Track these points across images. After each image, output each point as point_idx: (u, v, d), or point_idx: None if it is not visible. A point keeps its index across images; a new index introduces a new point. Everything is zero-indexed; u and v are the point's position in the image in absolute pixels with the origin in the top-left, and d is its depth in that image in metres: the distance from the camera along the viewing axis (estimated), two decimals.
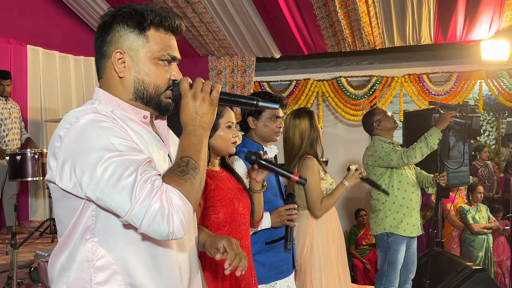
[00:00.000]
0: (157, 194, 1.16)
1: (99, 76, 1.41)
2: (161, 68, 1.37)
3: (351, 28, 6.30)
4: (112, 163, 1.19)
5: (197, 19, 6.50)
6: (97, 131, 1.23)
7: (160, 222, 1.15)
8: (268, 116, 2.70)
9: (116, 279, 1.29)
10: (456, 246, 6.50)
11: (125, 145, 1.23)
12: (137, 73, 1.35)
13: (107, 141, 1.21)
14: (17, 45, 6.30)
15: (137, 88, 1.36)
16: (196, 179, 1.24)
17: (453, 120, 3.65)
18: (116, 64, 1.35)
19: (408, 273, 3.94)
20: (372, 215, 3.88)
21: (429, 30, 6.28)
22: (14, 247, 3.61)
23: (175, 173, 1.23)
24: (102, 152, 1.20)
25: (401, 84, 7.28)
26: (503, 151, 9.17)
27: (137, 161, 1.21)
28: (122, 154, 1.20)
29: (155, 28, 1.36)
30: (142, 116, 1.39)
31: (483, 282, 3.94)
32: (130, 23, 1.35)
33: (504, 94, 6.96)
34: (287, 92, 7.66)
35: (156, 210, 1.15)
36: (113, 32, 1.36)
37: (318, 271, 3.13)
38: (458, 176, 4.47)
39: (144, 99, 1.37)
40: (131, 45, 1.35)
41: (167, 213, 1.16)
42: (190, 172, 1.24)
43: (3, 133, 5.52)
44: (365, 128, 3.97)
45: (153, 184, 1.18)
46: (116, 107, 1.36)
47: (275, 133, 2.72)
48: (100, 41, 1.39)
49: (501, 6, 5.76)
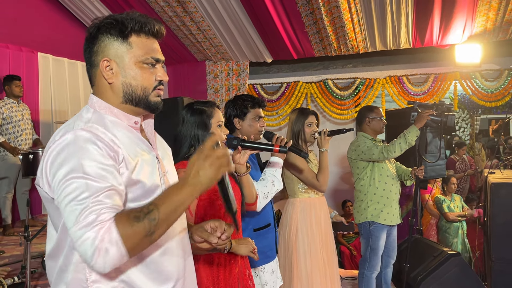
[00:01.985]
0: (96, 227, 1.13)
1: (92, 84, 1.41)
2: (147, 70, 1.36)
3: (336, 34, 6.30)
4: (73, 183, 1.19)
5: (195, 27, 6.50)
6: (76, 150, 1.23)
7: (87, 250, 1.13)
8: (252, 116, 2.71)
9: (109, 276, 1.28)
10: (434, 233, 6.54)
11: (95, 170, 1.20)
12: (125, 78, 1.35)
13: (78, 161, 1.21)
14: (29, 52, 6.28)
15: (125, 91, 1.36)
16: (144, 229, 1.16)
17: (430, 118, 3.67)
18: (105, 71, 1.34)
19: (390, 259, 3.97)
20: (355, 205, 3.90)
21: (407, 35, 6.30)
22: (27, 239, 3.61)
23: (129, 216, 1.17)
24: (69, 170, 1.20)
25: (383, 85, 7.30)
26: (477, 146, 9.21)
27: (96, 188, 1.18)
28: (85, 177, 1.19)
29: (136, 34, 1.35)
30: (133, 121, 1.39)
31: (458, 266, 3.96)
32: (113, 32, 1.34)
33: (477, 94, 6.99)
34: (279, 94, 7.67)
35: (88, 239, 1.13)
36: (98, 43, 1.35)
37: (302, 253, 3.20)
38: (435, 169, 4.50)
39: (133, 101, 1.37)
40: (116, 53, 1.34)
41: (95, 246, 1.12)
42: (144, 221, 1.16)
43: (17, 133, 5.51)
44: (358, 118, 3.97)
45: (97, 216, 1.14)
46: (109, 113, 1.36)
47: (258, 131, 2.74)
48: (88, 52, 1.38)
49: (473, 13, 5.77)
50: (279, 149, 2.21)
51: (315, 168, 3.26)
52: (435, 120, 3.75)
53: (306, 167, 3.20)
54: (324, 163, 3.18)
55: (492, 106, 7.48)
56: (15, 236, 5.41)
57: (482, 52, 6.45)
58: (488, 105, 7.16)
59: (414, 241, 4.42)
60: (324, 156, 3.19)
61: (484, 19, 5.85)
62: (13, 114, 5.47)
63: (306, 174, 3.19)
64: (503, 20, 5.80)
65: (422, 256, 4.22)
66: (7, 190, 5.48)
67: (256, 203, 2.42)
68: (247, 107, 2.68)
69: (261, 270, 2.66)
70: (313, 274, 3.17)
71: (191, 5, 6.02)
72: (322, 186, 3.19)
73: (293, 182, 3.28)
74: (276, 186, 2.57)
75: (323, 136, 3.20)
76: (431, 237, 6.36)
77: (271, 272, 2.72)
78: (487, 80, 6.96)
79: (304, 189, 3.29)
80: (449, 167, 7.43)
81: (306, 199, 3.29)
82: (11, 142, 5.42)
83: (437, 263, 3.99)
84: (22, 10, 6.19)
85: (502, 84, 6.89)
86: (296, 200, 3.30)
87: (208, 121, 2.12)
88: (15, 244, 5.13)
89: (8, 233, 5.51)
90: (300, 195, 3.30)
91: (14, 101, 5.53)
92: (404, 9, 5.83)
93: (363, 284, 3.81)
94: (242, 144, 2.13)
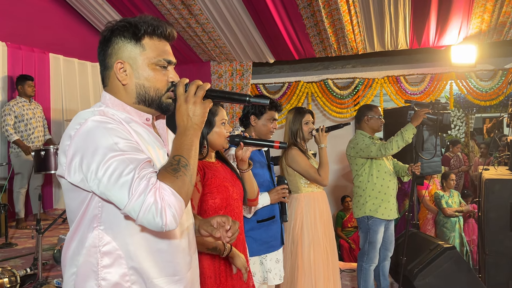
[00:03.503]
0: (151, 190, 1.15)
1: (104, 85, 1.40)
2: (159, 72, 1.35)
3: (336, 36, 6.29)
4: (114, 162, 1.18)
5: (200, 29, 6.50)
6: (103, 131, 1.22)
7: (154, 215, 1.14)
8: (268, 117, 2.81)
9: (120, 263, 1.29)
10: (431, 228, 6.53)
11: (127, 145, 1.22)
12: (138, 79, 1.34)
13: (111, 141, 1.21)
14: (41, 53, 6.30)
15: (139, 92, 1.35)
16: (186, 175, 1.22)
17: (426, 117, 3.66)
18: (118, 73, 1.34)
19: (387, 252, 3.96)
20: (354, 200, 3.90)
21: (405, 37, 6.28)
22: (39, 232, 3.63)
23: (168, 171, 1.21)
24: (106, 151, 1.19)
25: (381, 85, 7.29)
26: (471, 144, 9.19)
27: (137, 160, 1.19)
28: (124, 153, 1.19)
29: (149, 37, 1.35)
30: (145, 118, 1.39)
31: (452, 259, 3.95)
32: (126, 35, 1.33)
33: (472, 93, 6.98)
34: (280, 93, 7.67)
35: (151, 205, 1.14)
36: (112, 45, 1.35)
37: (307, 245, 3.22)
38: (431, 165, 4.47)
39: (146, 102, 1.36)
40: (129, 55, 1.34)
41: (160, 208, 1.14)
42: (181, 169, 1.21)
43: (29, 131, 5.53)
44: (357, 116, 3.96)
45: (148, 181, 1.16)
46: (121, 110, 1.36)
47: (270, 132, 2.84)
48: (102, 54, 1.38)
49: (468, 15, 5.76)
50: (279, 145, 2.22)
51: (315, 165, 3.27)
52: (431, 118, 3.75)
53: (307, 162, 3.21)
54: (324, 159, 3.20)
55: (487, 105, 7.47)
56: (28, 230, 5.44)
57: (477, 52, 6.43)
58: (483, 104, 7.14)
59: (411, 235, 4.41)
60: (323, 151, 3.21)
61: (479, 21, 5.83)
62: (24, 112, 5.49)
63: (308, 169, 3.20)
64: (498, 22, 5.78)
65: (418, 249, 4.22)
66: (20, 185, 5.51)
67: (258, 199, 2.43)
68: (265, 108, 2.77)
69: (264, 258, 2.69)
70: (316, 265, 3.19)
71: (196, 8, 6.02)
72: (324, 180, 3.21)
73: (295, 178, 3.29)
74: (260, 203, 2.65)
75: (321, 133, 3.21)
76: (428, 232, 6.36)
77: (276, 261, 2.75)
78: (482, 80, 6.94)
79: (307, 184, 3.30)
80: (444, 164, 7.42)
81: (309, 194, 3.31)
82: (24, 139, 5.44)
83: (433, 256, 3.98)
84: (34, 13, 6.21)
85: (496, 83, 6.87)
86: (300, 195, 3.31)
87: (213, 118, 2.13)
88: (27, 237, 5.16)
89: (21, 227, 5.54)
90: (304, 190, 3.30)
91: (26, 100, 5.55)
92: (402, 11, 5.82)
93: (361, 276, 3.81)
94: (244, 140, 2.15)
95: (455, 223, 6.25)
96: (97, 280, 1.28)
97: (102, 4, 6.41)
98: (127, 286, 1.29)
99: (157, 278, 1.32)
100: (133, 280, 1.30)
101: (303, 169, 3.21)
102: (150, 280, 1.31)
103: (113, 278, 1.28)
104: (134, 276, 1.30)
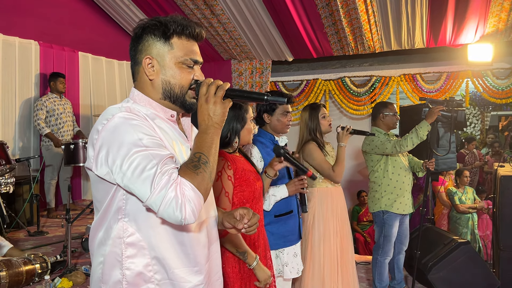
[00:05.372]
0: (173, 185, 1.16)
1: (134, 79, 1.42)
2: (185, 71, 1.36)
3: (354, 35, 6.23)
4: (138, 157, 1.19)
5: (221, 28, 6.51)
6: (128, 128, 1.23)
7: (174, 209, 1.16)
8: (281, 112, 2.70)
9: (143, 253, 1.30)
10: (446, 223, 6.45)
11: (151, 141, 1.23)
12: (164, 76, 1.35)
13: (136, 137, 1.22)
14: (70, 52, 6.39)
15: (165, 88, 1.36)
16: (206, 172, 1.23)
17: (441, 114, 3.59)
18: (146, 68, 1.35)
19: (402, 245, 3.92)
20: (370, 195, 3.85)
21: (421, 36, 6.18)
22: (69, 221, 3.68)
23: (188, 167, 1.22)
24: (130, 146, 1.20)
25: (397, 83, 7.19)
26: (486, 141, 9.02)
27: (159, 156, 1.21)
28: (147, 149, 1.21)
29: (178, 36, 1.36)
30: (170, 115, 1.40)
31: (467, 254, 3.89)
32: (156, 33, 1.35)
33: (488, 91, 6.83)
34: (298, 91, 7.63)
35: (171, 199, 1.15)
36: (143, 42, 1.36)
37: (317, 239, 3.18)
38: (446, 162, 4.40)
39: (171, 98, 1.37)
40: (158, 52, 1.35)
41: (180, 202, 1.16)
42: (202, 166, 1.23)
43: (59, 125, 5.62)
44: (373, 113, 3.92)
45: (170, 176, 1.18)
46: (148, 105, 1.37)
47: (286, 126, 2.73)
48: (133, 50, 1.39)
49: (485, 14, 5.63)
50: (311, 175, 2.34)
51: (331, 160, 3.23)
52: (446, 116, 3.68)
53: (323, 158, 3.17)
54: (341, 156, 3.13)
55: (503, 103, 7.29)
56: (58, 219, 5.55)
57: (493, 51, 6.28)
58: (499, 102, 6.98)
59: (425, 230, 4.36)
60: (342, 150, 3.14)
61: (496, 20, 5.69)
62: (55, 107, 5.58)
63: (322, 165, 3.15)
64: None
65: (432, 243, 4.16)
66: (51, 177, 5.61)
67: None
68: (276, 103, 2.66)
69: (281, 252, 2.66)
70: (325, 259, 3.15)
71: (218, 8, 6.02)
72: (337, 177, 3.14)
73: None
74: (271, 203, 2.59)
75: (346, 132, 3.13)
76: (442, 227, 6.27)
77: (294, 255, 2.70)
78: (498, 78, 6.78)
79: (322, 179, 3.26)
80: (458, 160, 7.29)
81: (323, 189, 3.27)
82: (54, 133, 5.54)
83: (447, 250, 3.93)
84: (64, 13, 6.30)
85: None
86: (314, 190, 3.27)
87: (245, 115, 2.14)
88: (57, 226, 5.26)
89: (52, 216, 5.65)
90: (318, 185, 3.27)
91: (57, 96, 5.65)
92: (419, 11, 5.72)
93: (376, 269, 3.78)
94: (286, 156, 2.22)
95: (468, 219, 6.15)
96: (122, 270, 1.30)
97: (129, 5, 6.47)
98: (150, 276, 1.31)
99: (178, 268, 1.33)
100: (156, 270, 1.31)
101: (318, 163, 3.16)
102: (171, 270, 1.32)
103: (136, 268, 1.30)
104: (156, 266, 1.31)
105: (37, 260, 3.41)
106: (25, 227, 4.95)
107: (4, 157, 4.38)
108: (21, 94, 5.69)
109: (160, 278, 1.32)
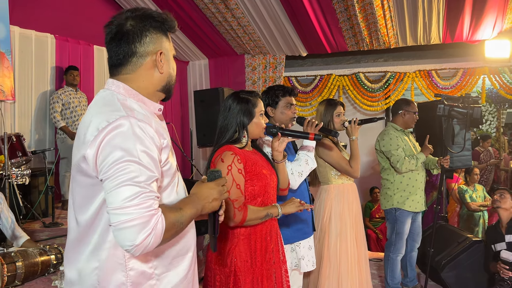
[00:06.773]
0: (151, 212, 1.19)
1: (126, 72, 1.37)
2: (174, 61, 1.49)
3: (369, 30, 6.17)
4: (129, 166, 1.19)
5: (236, 23, 6.49)
6: (130, 135, 1.22)
7: (139, 231, 1.16)
8: (284, 104, 2.69)
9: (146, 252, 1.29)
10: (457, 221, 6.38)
11: (146, 157, 1.22)
12: (169, 68, 1.44)
13: (133, 146, 1.21)
14: (86, 45, 6.44)
15: (168, 81, 1.44)
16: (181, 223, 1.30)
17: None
18: (159, 62, 1.39)
19: (415, 243, 3.89)
20: (382, 192, 3.83)
21: (438, 31, 6.09)
22: None
23: (170, 210, 1.27)
24: (125, 153, 1.20)
25: (412, 79, 7.11)
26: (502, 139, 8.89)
27: (148, 176, 1.21)
28: (140, 163, 1.20)
29: (170, 32, 1.45)
30: (157, 109, 1.42)
31: (481, 252, 3.85)
32: (162, 28, 1.41)
33: (505, 88, 6.72)
34: (312, 86, 7.59)
35: (144, 222, 1.17)
36: (150, 35, 1.37)
37: (334, 235, 3.15)
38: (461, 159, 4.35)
39: (166, 89, 1.44)
40: (165, 46, 1.42)
41: (148, 230, 1.17)
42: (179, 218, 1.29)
43: (74, 118, 5.68)
44: (393, 108, 3.88)
45: (154, 200, 1.21)
46: (136, 99, 1.35)
47: (290, 118, 2.71)
48: (132, 42, 1.36)
49: (504, 9, 5.53)
50: (314, 137, 2.25)
51: (346, 156, 3.21)
52: (461, 112, 3.63)
53: (339, 154, 3.14)
54: (355, 150, 3.11)
55: None
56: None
57: (511, 47, 6.17)
58: None
59: (439, 227, 4.32)
60: (354, 143, 3.13)
61: None
62: (71, 100, 5.64)
63: (340, 161, 3.12)
64: None
65: (446, 241, 4.13)
66: (66, 169, 5.67)
67: (287, 189, 2.41)
68: (278, 96, 2.68)
69: (297, 245, 2.66)
70: (342, 256, 3.12)
71: (232, 2, 6.01)
72: (355, 172, 3.12)
73: (325, 169, 3.22)
74: (310, 165, 2.58)
75: (354, 125, 3.11)
76: (455, 224, 6.22)
77: (308, 248, 2.71)
78: None
79: (338, 176, 3.22)
80: (474, 158, 7.20)
81: (339, 185, 3.22)
82: (69, 126, 5.59)
83: (461, 248, 3.89)
84: (80, 7, 6.34)
85: None
86: (330, 187, 3.23)
87: (253, 109, 2.11)
88: None
89: (66, 207, 5.71)
90: (334, 181, 3.22)
91: (72, 89, 5.70)
92: (436, 6, 5.64)
93: (388, 266, 3.76)
94: (281, 131, 2.16)
95: (479, 217, 6.08)
96: (125, 271, 1.29)
97: None
98: (151, 272, 1.34)
99: (175, 258, 1.40)
100: (156, 266, 1.35)
101: (335, 160, 3.13)
102: (169, 261, 1.38)
103: (140, 267, 1.31)
104: (156, 262, 1.35)
105: (52, 251, 3.45)
106: (40, 218, 5.01)
107: (20, 149, 4.45)
108: (37, 87, 5.76)
109: (160, 272, 1.36)
